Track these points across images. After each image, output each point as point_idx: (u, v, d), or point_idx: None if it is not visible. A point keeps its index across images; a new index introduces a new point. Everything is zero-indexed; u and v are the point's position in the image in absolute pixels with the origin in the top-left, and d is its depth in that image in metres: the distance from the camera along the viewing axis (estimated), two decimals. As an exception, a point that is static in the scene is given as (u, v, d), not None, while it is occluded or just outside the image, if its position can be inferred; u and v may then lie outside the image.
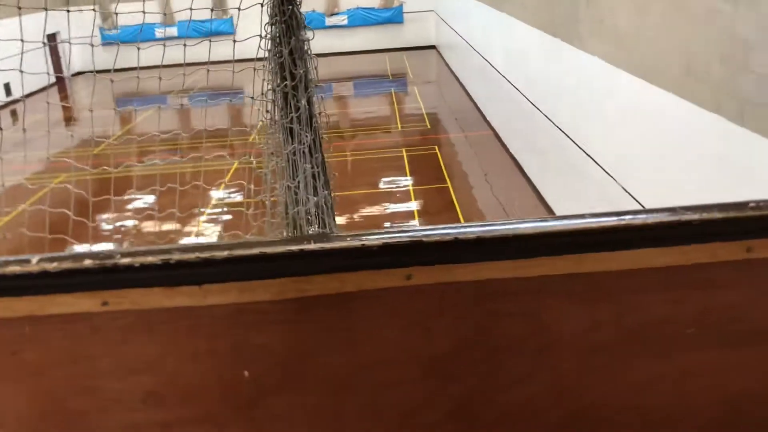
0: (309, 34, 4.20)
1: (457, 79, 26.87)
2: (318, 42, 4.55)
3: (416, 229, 1.22)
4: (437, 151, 18.79)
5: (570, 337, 1.22)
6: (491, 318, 1.20)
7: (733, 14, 6.31)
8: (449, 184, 15.98)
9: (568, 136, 12.26)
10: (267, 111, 4.23)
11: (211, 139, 22.03)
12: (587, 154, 11.20)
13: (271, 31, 4.02)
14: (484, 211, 14.33)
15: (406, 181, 16.44)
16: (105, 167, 13.59)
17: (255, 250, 1.14)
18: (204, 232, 13.95)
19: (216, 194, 16.19)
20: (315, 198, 3.93)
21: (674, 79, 7.74)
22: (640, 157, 8.93)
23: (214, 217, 14.89)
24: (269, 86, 4.15)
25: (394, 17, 34.25)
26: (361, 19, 34.14)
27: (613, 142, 10.02)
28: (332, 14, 33.83)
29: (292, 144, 3.91)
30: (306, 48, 4.14)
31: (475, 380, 1.21)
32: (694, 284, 1.20)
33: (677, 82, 7.68)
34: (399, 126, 21.87)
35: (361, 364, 1.18)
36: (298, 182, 3.86)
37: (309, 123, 4.05)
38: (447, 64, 30.46)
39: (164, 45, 5.47)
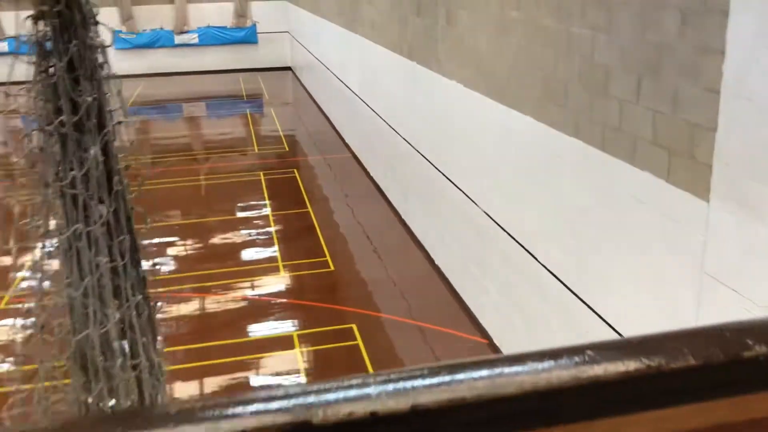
0: (103, 35, 2.61)
1: (314, 101, 26.56)
2: (165, 60, 3.89)
3: (308, 389, 0.65)
4: (296, 174, 18.29)
5: None
6: None
7: (593, 40, 6.40)
8: (309, 208, 15.53)
9: (428, 160, 12.24)
10: (32, 165, 2.67)
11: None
12: (447, 178, 11.19)
13: (35, 30, 2.38)
14: (345, 235, 14.00)
15: (265, 205, 15.80)
16: None
17: None
18: None
19: None
20: (119, 313, 2.41)
21: (534, 102, 7.80)
22: (502, 181, 8.96)
23: None
24: (35, 122, 2.59)
25: (247, 37, 33.44)
26: (213, 38, 33.01)
27: (473, 166, 10.04)
28: (181, 32, 32.46)
29: (74, 224, 2.45)
30: (99, 61, 2.59)
31: None
32: None
33: (537, 106, 7.74)
34: (256, 148, 21.15)
35: None
36: (86, 289, 2.38)
37: (107, 186, 2.59)
38: (303, 86, 30.10)
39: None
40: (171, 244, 13.69)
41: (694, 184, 5.25)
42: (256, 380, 8.99)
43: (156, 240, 13.81)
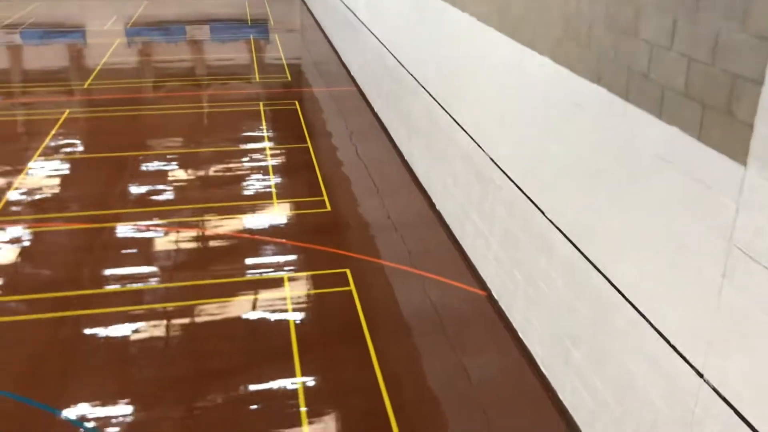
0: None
1: (321, 28, 25.48)
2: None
3: None
4: (297, 106, 17.54)
5: None
6: None
7: (623, -27, 5.63)
8: (309, 143, 14.87)
9: (434, 98, 11.51)
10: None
11: (40, 83, 19.41)
12: (453, 119, 10.50)
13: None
14: (344, 173, 13.39)
15: (263, 138, 15.14)
16: None
17: None
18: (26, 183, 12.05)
19: (45, 144, 14.12)
20: None
21: (553, 42, 7.07)
22: (513, 127, 8.29)
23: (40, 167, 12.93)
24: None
25: (255, -42, 32.00)
26: (219, -42, 31.61)
27: (482, 109, 9.34)
28: (187, -50, 31.03)
29: None
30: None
31: None
32: None
33: (556, 46, 7.01)
34: (257, 77, 20.31)
35: None
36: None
37: None
38: (311, 12, 28.90)
39: None
40: (163, 172, 13.12)
41: (730, 144, 4.61)
42: (242, 323, 8.56)
43: (149, 167, 13.25)
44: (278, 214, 11.63)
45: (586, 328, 6.59)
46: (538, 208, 7.56)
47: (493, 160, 8.93)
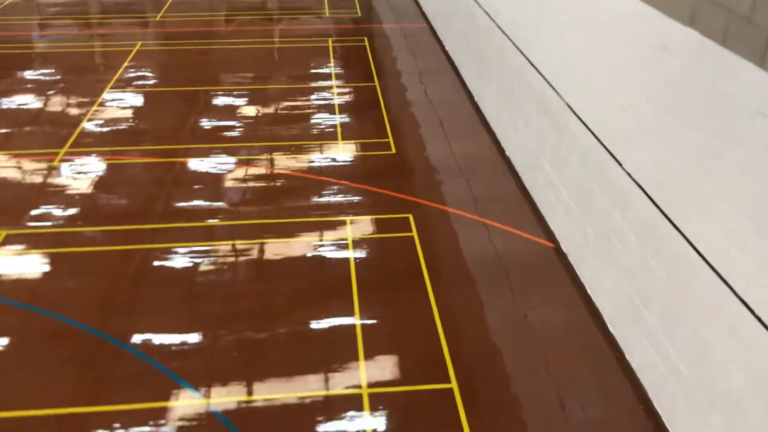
0: None
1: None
2: None
3: None
4: (366, 43, 17.11)
5: None
6: None
7: None
8: (376, 82, 14.52)
9: (508, 36, 10.94)
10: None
11: (115, 14, 19.52)
12: (528, 60, 9.96)
13: None
14: (412, 114, 13.05)
15: (330, 75, 14.87)
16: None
17: None
18: (99, 115, 12.22)
19: (118, 76, 14.27)
20: None
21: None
22: (593, 72, 7.77)
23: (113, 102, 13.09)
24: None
25: None
26: None
27: (559, 51, 8.79)
28: None
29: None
30: None
31: None
32: None
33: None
34: (328, 12, 19.90)
35: None
36: None
37: None
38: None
39: None
40: (232, 108, 13.09)
41: (844, 99, 4.11)
42: (304, 262, 8.53)
43: (219, 102, 13.23)
44: (343, 154, 11.45)
45: (660, 290, 6.23)
46: (616, 159, 7.12)
47: (569, 106, 8.44)
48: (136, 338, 7.29)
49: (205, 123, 12.55)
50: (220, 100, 13.54)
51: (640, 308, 6.61)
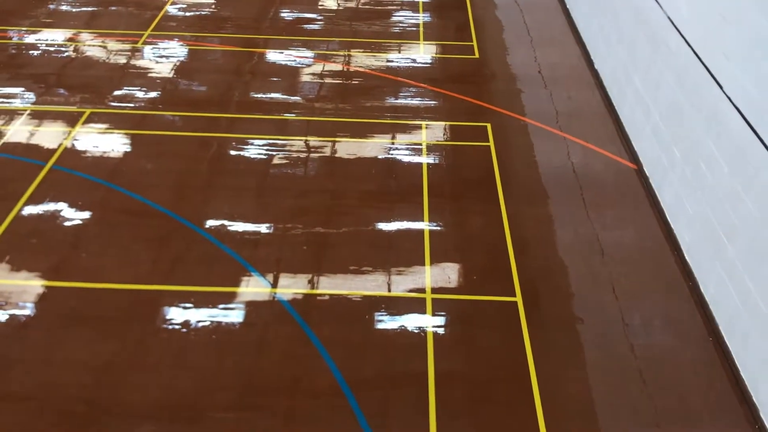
0: None
1: None
2: None
3: None
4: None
5: None
6: None
7: None
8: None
9: (613, -61, 10.15)
10: None
11: None
12: (671, 21, 9.26)
13: None
14: (497, 17, 12.47)
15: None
16: None
17: None
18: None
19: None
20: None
21: None
22: (735, 40, 7.15)
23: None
24: None
25: None
26: None
27: (703, 11, 8.11)
28: None
29: None
30: None
31: None
32: None
33: None
34: None
35: None
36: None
37: None
38: None
39: None
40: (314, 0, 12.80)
41: None
42: (376, 163, 8.48)
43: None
44: (423, 55, 11.12)
45: (747, 222, 5.92)
46: (716, 80, 6.65)
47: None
48: (210, 223, 7.49)
49: (286, 14, 12.34)
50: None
51: (723, 240, 6.32)
